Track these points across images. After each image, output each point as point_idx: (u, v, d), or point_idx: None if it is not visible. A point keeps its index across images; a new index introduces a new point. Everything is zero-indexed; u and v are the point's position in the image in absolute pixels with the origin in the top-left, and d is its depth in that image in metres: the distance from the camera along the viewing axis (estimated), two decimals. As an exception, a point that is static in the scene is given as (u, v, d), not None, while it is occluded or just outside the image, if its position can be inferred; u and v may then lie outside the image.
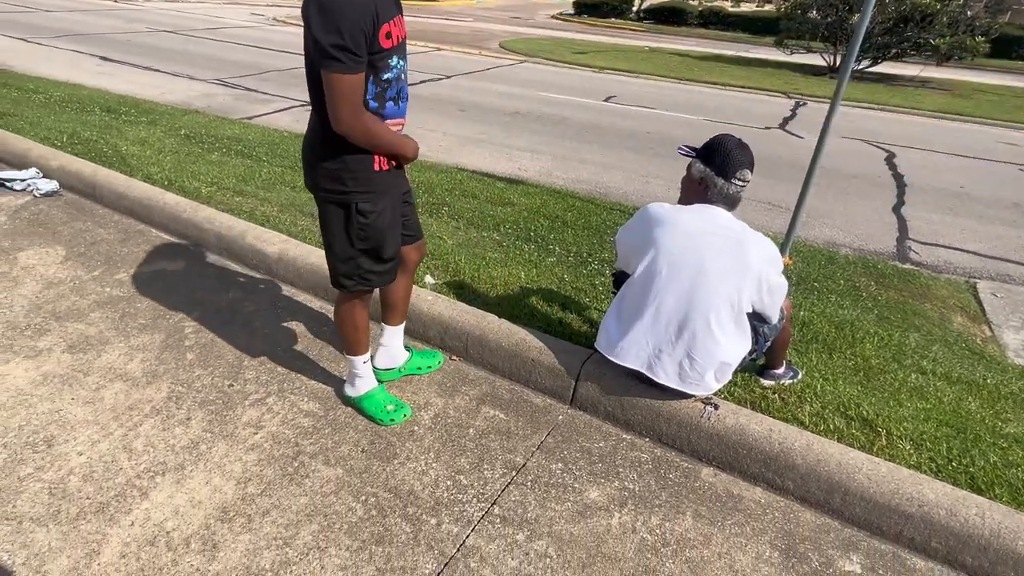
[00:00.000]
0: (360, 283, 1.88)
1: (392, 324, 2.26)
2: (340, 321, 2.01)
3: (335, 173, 1.68)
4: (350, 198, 1.71)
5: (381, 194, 1.76)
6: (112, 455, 1.90)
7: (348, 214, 1.73)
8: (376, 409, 2.12)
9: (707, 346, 1.91)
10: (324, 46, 1.44)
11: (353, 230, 1.76)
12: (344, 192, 1.70)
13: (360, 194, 1.71)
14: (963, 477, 1.92)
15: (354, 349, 2.07)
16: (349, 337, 2.04)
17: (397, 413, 2.13)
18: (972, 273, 4.50)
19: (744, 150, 1.99)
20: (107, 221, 3.55)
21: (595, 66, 13.55)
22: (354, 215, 1.73)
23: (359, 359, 2.09)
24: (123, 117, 5.65)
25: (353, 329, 2.01)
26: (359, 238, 1.78)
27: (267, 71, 9.75)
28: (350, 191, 1.70)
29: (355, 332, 2.02)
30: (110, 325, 2.56)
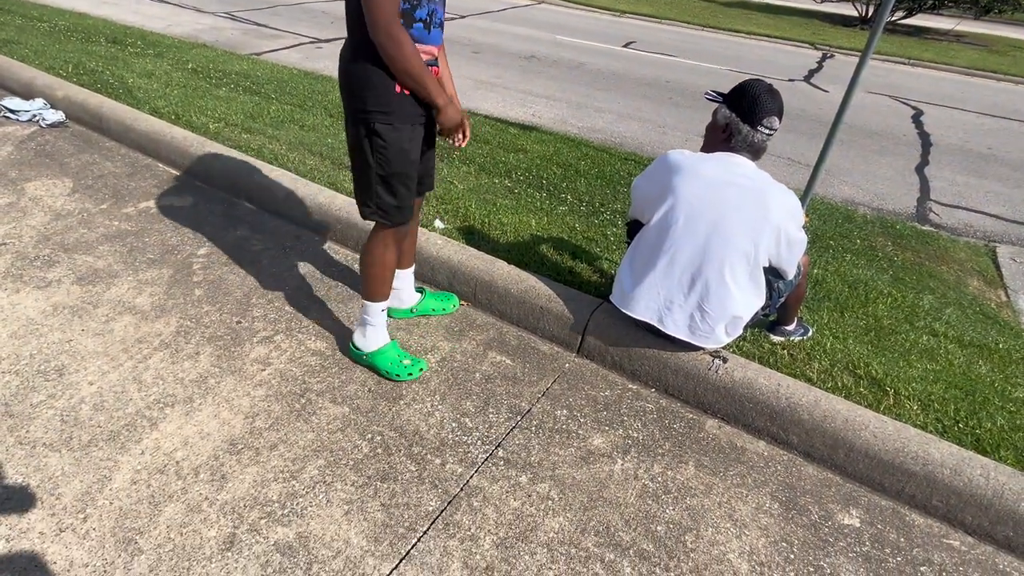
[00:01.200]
0: (378, 214, 1.84)
1: (401, 268, 2.23)
2: (369, 260, 1.93)
3: (359, 90, 1.66)
4: (370, 117, 1.68)
5: (401, 119, 1.70)
6: (122, 386, 1.92)
7: (367, 132, 1.71)
8: (392, 365, 2.04)
9: (720, 298, 1.88)
10: None
11: (371, 151, 1.74)
12: (365, 111, 1.67)
13: (379, 114, 1.67)
14: (969, 439, 1.92)
15: (375, 292, 1.97)
16: (372, 277, 1.94)
17: (414, 367, 2.06)
18: (993, 237, 4.39)
19: (774, 96, 1.90)
20: (114, 154, 3.50)
21: (616, 10, 13.01)
22: (372, 136, 1.70)
23: (377, 305, 2.00)
24: (129, 48, 5.50)
25: (380, 268, 1.92)
26: (376, 162, 1.75)
27: (276, 5, 9.44)
28: (370, 110, 1.67)
29: (382, 271, 1.93)
30: (118, 259, 2.55)
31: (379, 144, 1.71)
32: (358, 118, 1.71)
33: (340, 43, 7.64)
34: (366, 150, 1.74)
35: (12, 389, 1.86)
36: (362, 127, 1.71)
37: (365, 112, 1.68)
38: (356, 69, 1.65)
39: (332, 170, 3.28)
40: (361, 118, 1.70)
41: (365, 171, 1.78)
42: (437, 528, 1.59)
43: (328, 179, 3.15)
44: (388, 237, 1.90)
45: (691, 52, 9.64)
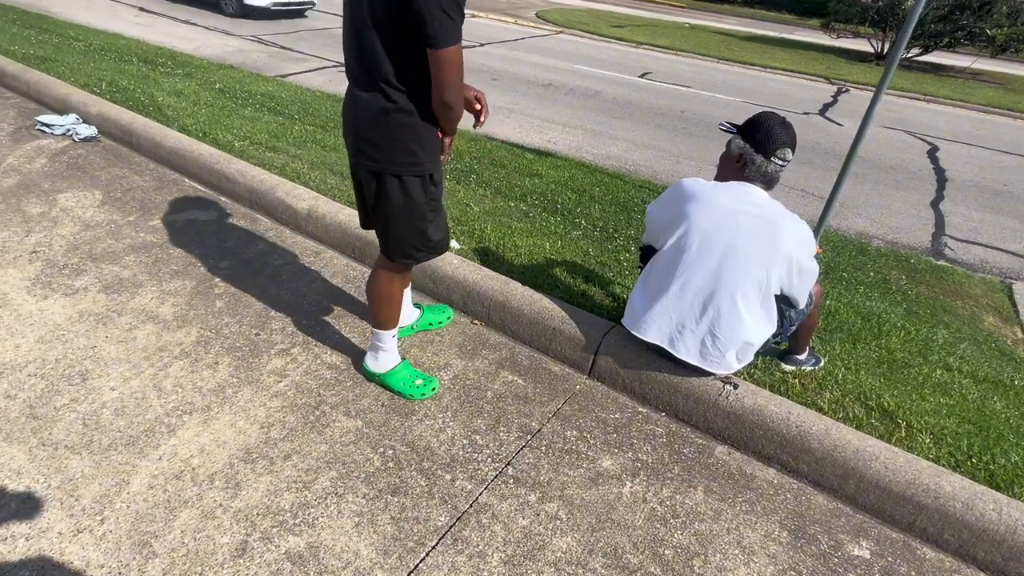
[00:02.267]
0: (429, 253, 1.87)
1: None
2: (377, 294, 1.96)
3: (410, 145, 1.63)
4: (424, 168, 1.68)
5: (439, 159, 1.76)
6: (143, 392, 1.97)
7: (423, 184, 1.70)
8: (404, 384, 2.08)
9: (731, 324, 1.90)
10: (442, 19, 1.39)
11: (426, 200, 1.73)
12: (419, 163, 1.66)
13: (432, 163, 1.69)
14: (982, 474, 1.90)
15: (385, 323, 2.01)
16: (383, 311, 1.98)
17: (426, 387, 2.09)
18: (1009, 273, 4.37)
19: (787, 128, 1.95)
20: (143, 168, 3.61)
21: (633, 41, 13.25)
22: (428, 184, 1.71)
23: (388, 333, 2.04)
24: (160, 68, 5.70)
25: (389, 303, 1.96)
26: (430, 208, 1.76)
27: (301, 30, 9.72)
28: (424, 161, 1.67)
29: (390, 306, 1.97)
30: (143, 269, 2.63)
31: (433, 192, 1.74)
32: (411, 171, 1.67)
33: (363, 67, 7.83)
34: (420, 203, 1.72)
35: (37, 392, 1.92)
36: (418, 181, 1.69)
37: (420, 164, 1.67)
38: (403, 125, 1.61)
39: (352, 190, 3.35)
40: (415, 171, 1.67)
41: (415, 221, 1.76)
42: (446, 543, 1.60)
43: (348, 198, 3.22)
44: (401, 271, 1.94)
45: (706, 84, 9.77)
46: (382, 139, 1.63)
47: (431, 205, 1.77)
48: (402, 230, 1.79)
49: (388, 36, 1.51)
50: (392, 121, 1.60)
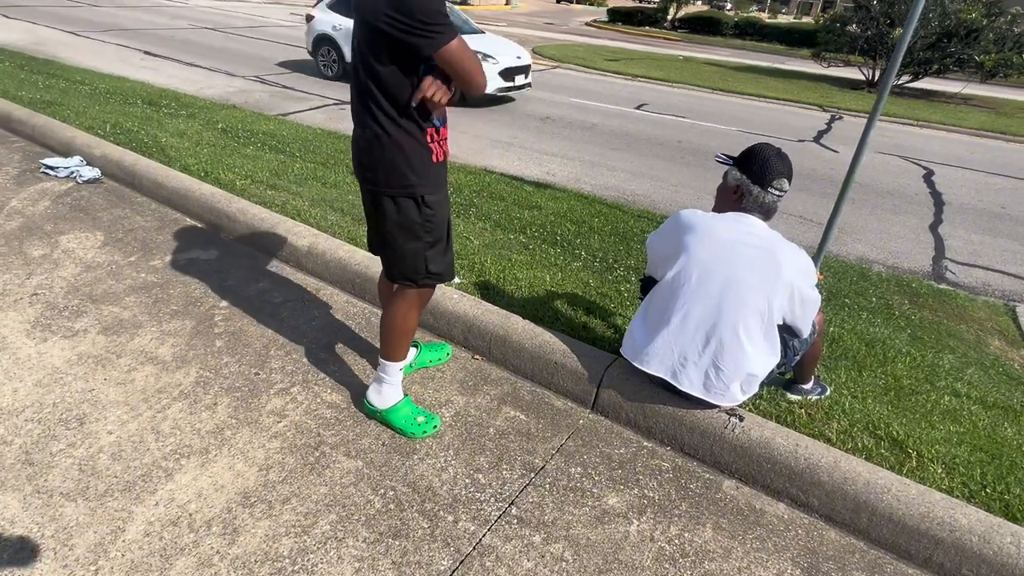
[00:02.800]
0: (427, 278, 1.90)
1: None
2: (391, 323, 1.96)
3: (401, 168, 1.71)
4: (416, 191, 1.74)
5: (439, 186, 1.82)
6: (140, 436, 1.94)
7: (416, 206, 1.76)
8: (406, 422, 2.06)
9: (734, 356, 1.88)
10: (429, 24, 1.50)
11: (420, 222, 1.79)
12: (411, 185, 1.73)
13: (425, 186, 1.75)
14: (997, 504, 1.86)
15: (395, 354, 2.01)
16: (395, 341, 1.98)
17: (428, 424, 2.07)
18: (1012, 296, 4.35)
19: (783, 159, 1.96)
20: (145, 209, 3.64)
21: (628, 73, 13.50)
22: (422, 207, 1.77)
23: (396, 365, 2.03)
24: (163, 109, 5.80)
25: (401, 334, 1.97)
26: (426, 231, 1.81)
27: (303, 70, 9.93)
28: (415, 184, 1.73)
29: (403, 336, 1.97)
30: (143, 309, 2.62)
31: (428, 214, 1.78)
32: (402, 193, 1.74)
33: (363, 105, 7.97)
34: (415, 224, 1.78)
35: (34, 437, 1.89)
36: (410, 202, 1.75)
37: (411, 186, 1.74)
38: (392, 149, 1.69)
39: (352, 226, 3.38)
40: (409, 194, 1.74)
41: (414, 245, 1.82)
42: (449, 589, 1.55)
43: (348, 234, 3.24)
44: (417, 300, 1.95)
45: (702, 114, 9.92)
46: (376, 163, 1.73)
47: (427, 227, 1.81)
48: (399, 251, 1.85)
49: (374, 67, 1.61)
50: (383, 147, 1.70)
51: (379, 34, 1.53)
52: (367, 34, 1.57)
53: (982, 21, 12.45)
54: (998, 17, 12.76)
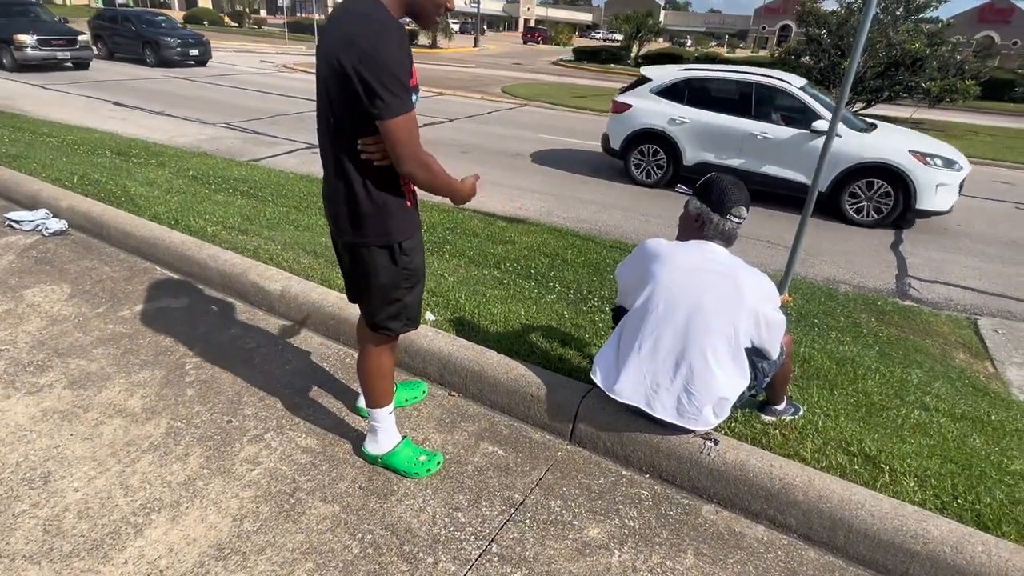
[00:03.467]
0: (407, 324, 1.88)
1: None
2: (369, 370, 1.94)
3: (376, 216, 1.67)
4: (392, 238, 1.71)
5: (414, 231, 1.79)
6: (108, 491, 1.89)
7: (392, 255, 1.73)
8: (409, 464, 2.03)
9: (704, 380, 1.91)
10: (382, 92, 1.45)
11: (398, 270, 1.76)
12: (387, 233, 1.70)
13: (401, 232, 1.72)
14: (969, 514, 1.89)
15: (380, 400, 1.97)
16: (376, 387, 1.95)
17: (431, 462, 2.06)
18: (973, 310, 4.50)
19: (739, 188, 2.04)
20: (113, 259, 3.61)
21: (595, 109, 13.87)
22: (398, 255, 1.74)
23: (383, 411, 1.99)
24: (133, 159, 5.79)
25: (381, 378, 1.94)
26: (403, 277, 1.78)
27: (275, 115, 10.02)
28: (391, 231, 1.70)
29: (383, 380, 1.95)
30: (112, 361, 2.58)
31: (405, 261, 1.75)
32: (378, 242, 1.71)
33: (335, 148, 8.04)
34: (392, 272, 1.75)
35: (-6, 499, 1.83)
36: (386, 251, 1.72)
37: (387, 234, 1.70)
38: (366, 201, 1.65)
39: (326, 267, 3.38)
40: (385, 243, 1.71)
41: (391, 292, 1.79)
42: (430, 633, 1.52)
43: (321, 276, 3.24)
44: (387, 344, 1.93)
45: (668, 145, 10.19)
46: (349, 213, 1.69)
47: (404, 275, 1.79)
48: (376, 300, 1.82)
49: (342, 115, 1.58)
50: (355, 196, 1.66)
51: (345, 83, 1.50)
52: (334, 81, 1.53)
53: (925, 50, 13.13)
54: (940, 46, 13.48)
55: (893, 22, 13.63)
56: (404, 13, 1.60)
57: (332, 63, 1.50)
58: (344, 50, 1.47)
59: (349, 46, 1.46)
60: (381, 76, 1.44)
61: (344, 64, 1.47)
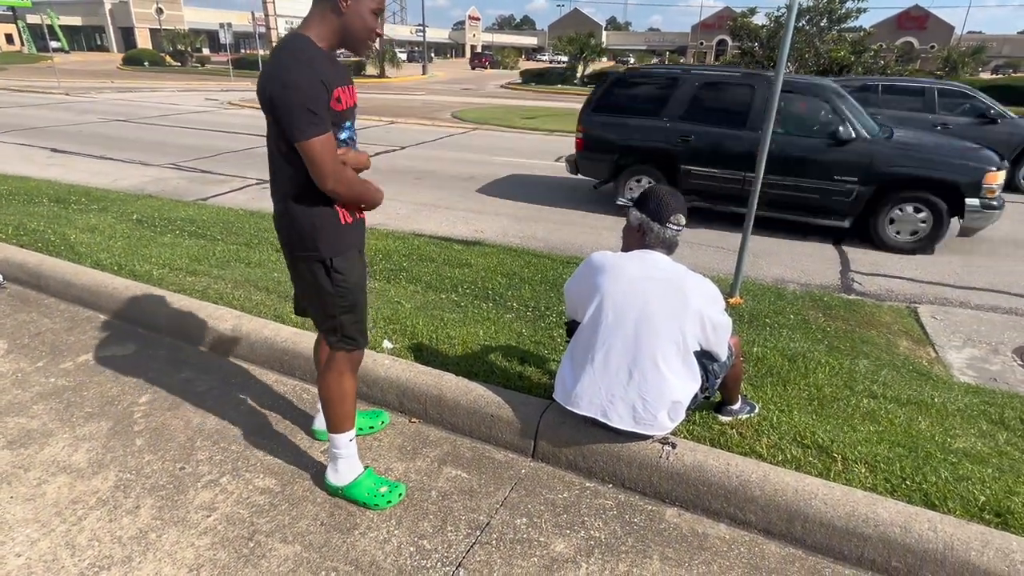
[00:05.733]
0: (344, 342, 1.89)
1: None
2: (328, 394, 1.93)
3: (308, 234, 1.75)
4: (322, 254, 1.77)
5: (349, 248, 1.83)
6: (53, 554, 1.80)
7: (326, 272, 1.79)
8: (370, 495, 2.01)
9: (657, 386, 1.95)
10: (294, 117, 1.57)
11: (332, 288, 1.81)
12: (317, 249, 1.76)
13: (332, 249, 1.78)
14: (917, 494, 1.97)
15: (340, 424, 1.95)
16: (335, 409, 1.94)
17: (392, 493, 2.04)
18: (912, 299, 4.71)
19: (676, 197, 2.11)
20: (53, 311, 3.47)
21: (545, 129, 14.13)
22: (331, 272, 1.79)
23: (344, 436, 1.97)
24: (72, 206, 5.61)
25: (341, 401, 1.93)
26: (338, 295, 1.82)
27: (222, 153, 9.86)
28: (322, 248, 1.76)
29: (342, 402, 1.93)
30: (54, 416, 2.47)
31: (338, 278, 1.80)
32: (313, 259, 1.78)
33: (286, 182, 7.95)
34: (326, 288, 1.81)
35: (-73, 574, 1.72)
36: (319, 266, 1.78)
37: (317, 251, 1.77)
38: (301, 218, 1.74)
39: (278, 303, 3.33)
40: (317, 259, 1.77)
41: (329, 307, 1.84)
42: (399, 666, 1.49)
43: (274, 312, 3.19)
44: (347, 365, 1.93)
45: (617, 160, 10.44)
46: (288, 228, 1.79)
47: (339, 292, 1.82)
48: (314, 312, 1.92)
49: (275, 140, 1.70)
50: (291, 213, 1.76)
51: (271, 111, 1.62)
52: (266, 110, 1.64)
53: (850, 58, 13.89)
54: (863, 53, 14.28)
55: (819, 33, 14.39)
56: (335, 44, 1.70)
57: (262, 95, 1.62)
58: (267, 82, 1.60)
59: (268, 79, 1.60)
60: (291, 104, 1.56)
61: (266, 95, 1.60)
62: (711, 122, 6.22)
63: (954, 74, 25.76)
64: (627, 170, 6.69)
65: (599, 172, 6.99)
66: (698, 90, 6.36)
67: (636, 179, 6.66)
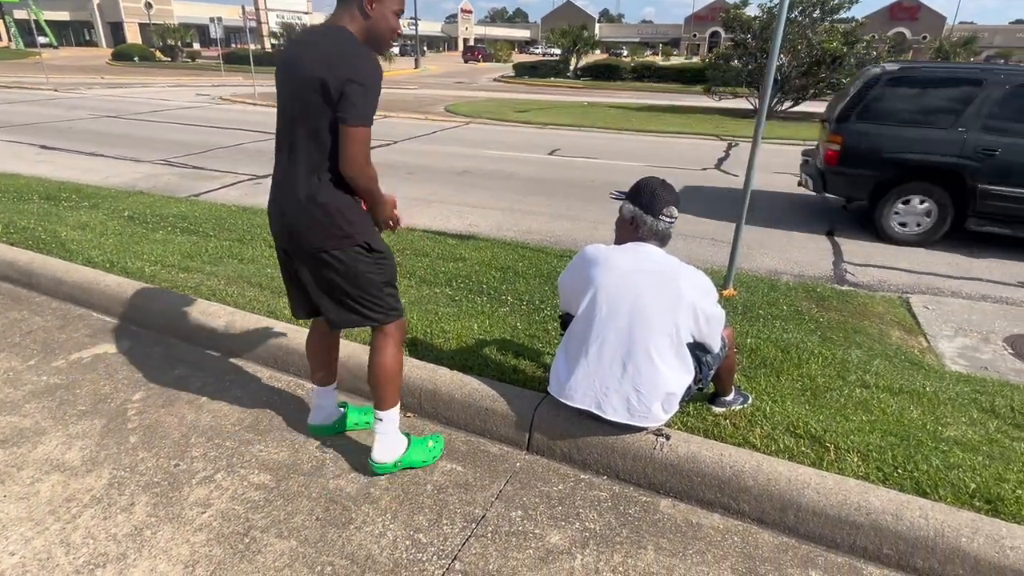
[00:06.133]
0: (393, 313, 1.97)
1: (326, 384, 2.26)
2: (382, 370, 1.98)
3: (340, 222, 1.79)
4: (360, 238, 1.83)
5: (374, 228, 1.92)
6: (48, 552, 1.80)
7: (368, 251, 1.85)
8: (426, 455, 2.16)
9: (651, 378, 1.96)
10: (363, 102, 1.67)
11: (375, 266, 1.87)
12: (355, 234, 1.82)
13: (366, 233, 1.85)
14: (908, 482, 1.98)
15: (392, 400, 2.03)
16: (393, 383, 2.01)
17: (437, 446, 2.21)
18: (904, 289, 4.74)
19: (668, 189, 2.11)
20: (44, 308, 3.45)
21: (538, 122, 14.09)
22: (374, 252, 1.86)
23: (395, 410, 2.05)
24: (63, 203, 5.56)
25: (394, 375, 2.01)
26: (379, 271, 1.89)
27: (214, 148, 9.80)
28: (358, 232, 1.82)
29: (396, 378, 2.02)
30: (47, 415, 2.46)
31: (378, 256, 1.88)
32: (350, 245, 1.82)
33: (278, 177, 7.92)
34: (365, 270, 1.86)
35: (-80, 573, 1.71)
36: (359, 250, 1.83)
37: (356, 237, 1.82)
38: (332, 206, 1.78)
39: (272, 299, 3.32)
40: (355, 243, 1.83)
41: (371, 287, 1.89)
42: (395, 659, 1.50)
43: (267, 309, 3.18)
44: (400, 334, 2.02)
45: (611, 153, 10.45)
46: (314, 224, 1.78)
47: (381, 268, 1.90)
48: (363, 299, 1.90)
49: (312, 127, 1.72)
50: (320, 205, 1.77)
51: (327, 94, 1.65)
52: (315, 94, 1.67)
53: (843, 49, 13.88)
54: (855, 44, 14.27)
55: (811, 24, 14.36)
56: (363, 42, 1.77)
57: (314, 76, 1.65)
58: (331, 64, 1.65)
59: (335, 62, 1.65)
60: (365, 89, 1.66)
61: (333, 76, 1.64)
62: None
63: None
64: (895, 189, 5.75)
65: (856, 190, 6.03)
66: (1010, 94, 5.30)
67: (904, 199, 5.75)
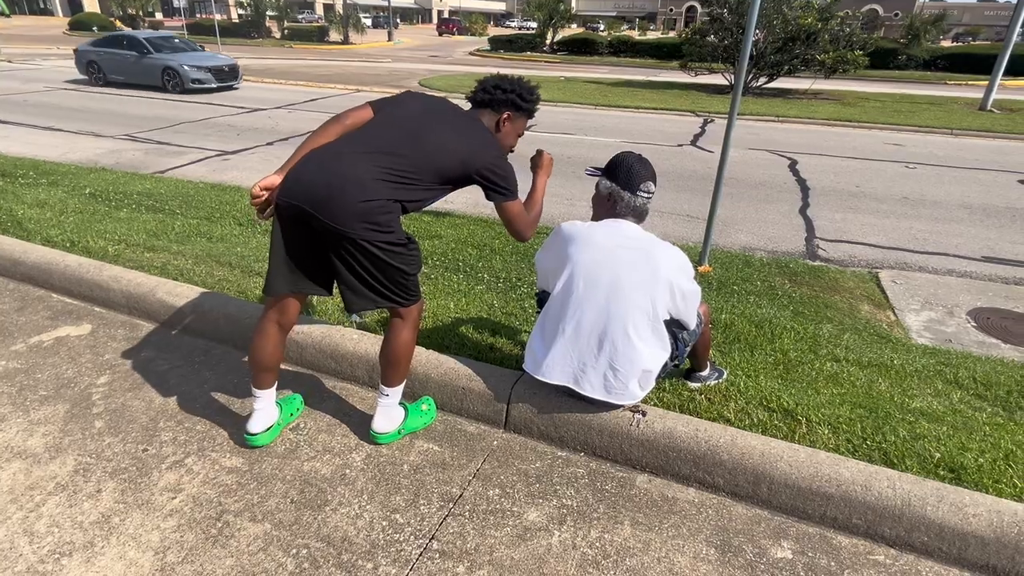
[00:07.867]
0: (416, 296, 2.08)
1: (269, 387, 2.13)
2: (400, 352, 2.07)
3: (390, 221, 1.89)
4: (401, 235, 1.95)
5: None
6: (10, 541, 1.74)
7: (405, 246, 1.96)
8: (423, 419, 2.28)
9: (628, 355, 1.96)
10: (509, 183, 2.02)
11: (408, 257, 1.98)
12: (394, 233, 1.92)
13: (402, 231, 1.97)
14: (877, 454, 2.03)
15: (402, 377, 2.14)
16: (403, 363, 2.11)
17: (431, 409, 2.34)
18: (874, 264, 4.84)
19: (645, 164, 2.09)
20: (1, 291, 3.31)
21: (514, 98, 13.89)
22: (410, 245, 1.98)
23: (401, 386, 2.16)
24: (20, 180, 5.33)
25: (410, 354, 2.13)
26: (411, 263, 2.00)
27: (179, 123, 9.48)
28: (397, 229, 1.93)
29: (410, 357, 2.15)
30: (6, 401, 2.37)
31: (412, 248, 1.99)
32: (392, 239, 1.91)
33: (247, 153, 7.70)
34: (404, 261, 1.97)
35: None
36: (399, 247, 1.94)
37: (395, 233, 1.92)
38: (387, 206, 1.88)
39: (243, 278, 3.23)
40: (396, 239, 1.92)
41: (397, 275, 1.98)
42: (373, 639, 1.49)
43: (238, 288, 3.10)
44: (419, 316, 2.13)
45: (588, 129, 10.38)
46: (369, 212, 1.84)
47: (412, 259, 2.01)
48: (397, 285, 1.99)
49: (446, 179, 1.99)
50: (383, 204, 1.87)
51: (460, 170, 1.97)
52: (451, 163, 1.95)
53: (817, 25, 13.92)
54: (829, 20, 14.32)
55: None
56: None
57: (457, 157, 1.96)
58: (475, 151, 2.00)
59: (478, 150, 2.00)
60: (507, 173, 2.03)
61: (474, 160, 1.98)
62: None
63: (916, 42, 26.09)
64: None
65: None
66: None
67: None
